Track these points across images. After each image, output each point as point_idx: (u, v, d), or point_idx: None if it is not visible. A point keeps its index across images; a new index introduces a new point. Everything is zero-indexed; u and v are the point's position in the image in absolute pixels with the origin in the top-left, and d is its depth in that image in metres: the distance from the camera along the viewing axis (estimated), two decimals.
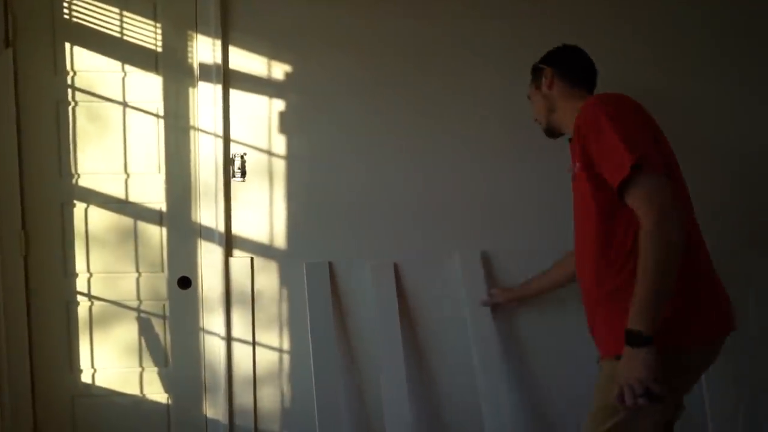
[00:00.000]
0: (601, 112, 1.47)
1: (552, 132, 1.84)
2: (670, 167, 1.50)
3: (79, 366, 2.31)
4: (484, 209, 2.36)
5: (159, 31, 2.23)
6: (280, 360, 2.34)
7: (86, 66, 2.22)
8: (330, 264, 2.31)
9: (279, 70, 2.26)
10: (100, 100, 2.24)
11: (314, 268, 2.30)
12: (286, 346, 2.34)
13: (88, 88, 2.23)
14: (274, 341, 2.33)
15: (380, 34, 2.29)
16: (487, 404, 2.25)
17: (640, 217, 1.38)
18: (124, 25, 2.23)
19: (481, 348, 2.29)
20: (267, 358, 2.34)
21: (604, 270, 1.56)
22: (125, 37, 2.23)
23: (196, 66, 2.24)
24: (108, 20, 2.22)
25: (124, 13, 2.22)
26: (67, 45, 2.21)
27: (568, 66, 1.78)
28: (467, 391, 2.30)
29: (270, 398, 2.35)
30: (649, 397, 1.34)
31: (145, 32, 2.23)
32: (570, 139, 1.71)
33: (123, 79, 2.24)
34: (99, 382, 2.33)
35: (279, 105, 2.27)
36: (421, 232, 2.34)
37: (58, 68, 2.22)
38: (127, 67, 2.24)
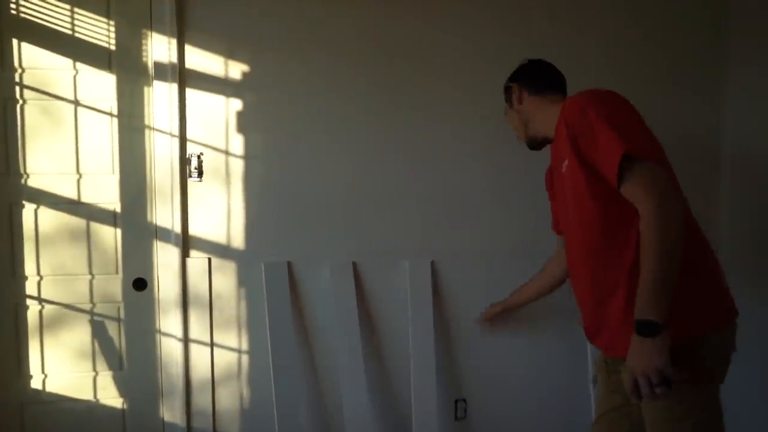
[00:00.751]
0: (589, 106, 1.45)
1: (534, 143, 1.81)
2: (662, 156, 1.48)
3: (29, 371, 2.24)
4: (441, 208, 2.41)
5: (112, 28, 2.20)
6: (239, 361, 2.33)
7: (36, 63, 2.17)
8: (288, 264, 2.32)
9: (236, 70, 2.26)
10: (50, 98, 2.19)
11: (273, 268, 2.30)
12: (244, 346, 2.33)
13: (37, 86, 2.18)
14: (233, 342, 2.32)
15: (336, 33, 2.31)
16: (416, 405, 2.33)
17: (638, 204, 1.36)
18: (76, 22, 2.18)
19: (415, 349, 2.36)
20: (225, 359, 2.32)
21: (604, 268, 1.52)
22: (77, 35, 2.19)
23: (151, 65, 2.21)
24: (58, 17, 2.17)
25: (76, 9, 2.17)
26: (15, 41, 2.15)
27: (533, 77, 1.79)
28: None
29: (229, 399, 2.33)
30: (666, 385, 1.31)
31: (98, 30, 2.19)
32: (549, 141, 1.73)
33: (74, 77, 2.19)
34: (50, 388, 2.26)
35: (236, 104, 2.27)
36: (380, 230, 2.37)
37: (5, 65, 2.15)
38: (79, 64, 2.19)
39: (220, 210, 2.28)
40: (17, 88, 2.16)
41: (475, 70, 2.39)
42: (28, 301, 2.22)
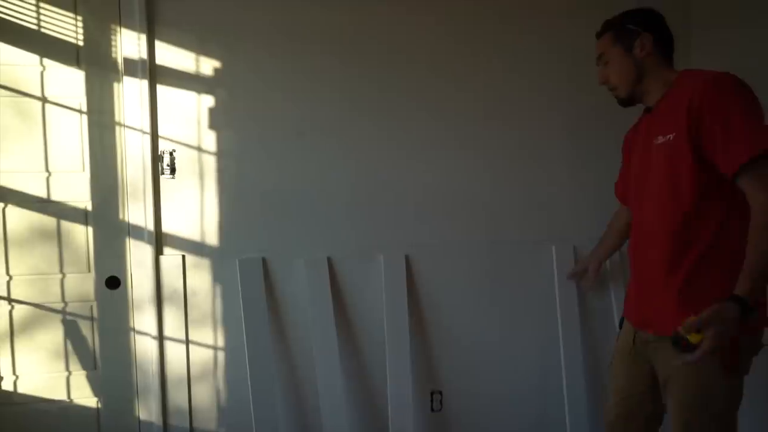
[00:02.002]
0: (731, 93, 1.46)
1: (630, 101, 1.72)
2: None
3: None
4: (414, 202, 2.43)
5: (80, 24, 2.16)
6: (215, 357, 2.33)
7: (1, 59, 2.12)
8: (263, 260, 2.32)
9: (207, 66, 2.24)
10: (16, 94, 2.15)
11: (247, 265, 2.30)
12: (220, 343, 2.32)
13: (3, 83, 2.13)
14: (208, 339, 2.32)
15: (308, 28, 2.31)
16: (392, 398, 2.37)
17: (757, 194, 1.42)
18: (42, 17, 2.14)
19: (391, 342, 2.39)
20: (201, 357, 2.32)
21: (681, 246, 1.56)
22: (43, 30, 2.15)
23: (120, 61, 2.18)
24: (24, 12, 2.13)
25: (41, 4, 2.13)
26: None
27: (665, 34, 1.67)
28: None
29: (205, 396, 2.33)
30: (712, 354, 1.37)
31: (65, 25, 2.16)
32: (648, 109, 1.70)
33: (42, 73, 2.16)
34: (22, 389, 2.23)
35: (208, 101, 2.25)
36: (355, 226, 2.39)
37: None
38: (46, 60, 2.16)
39: (193, 207, 2.27)
40: None
41: (451, 61, 2.41)
42: None
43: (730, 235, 1.52)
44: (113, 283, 2.24)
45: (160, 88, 2.21)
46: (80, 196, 2.21)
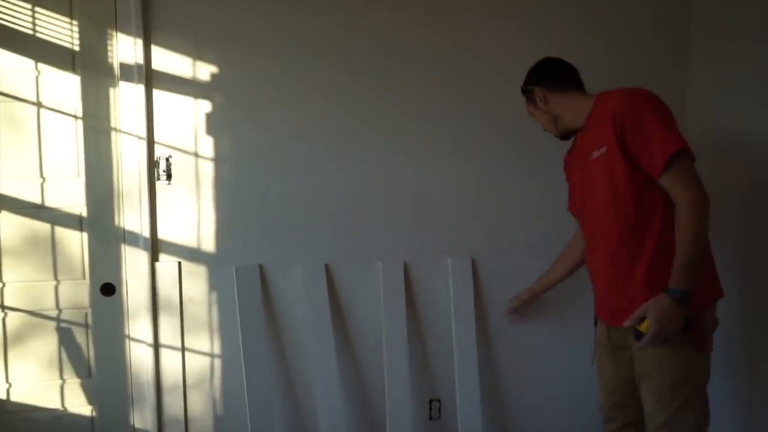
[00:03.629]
0: (641, 104, 1.66)
1: (566, 135, 1.96)
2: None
3: None
4: (412, 210, 2.41)
5: (75, 28, 2.14)
6: (211, 365, 2.30)
7: None
8: (260, 267, 2.30)
9: (204, 71, 2.23)
10: (10, 99, 2.12)
11: (244, 272, 2.27)
12: (216, 350, 2.30)
13: None
14: (205, 346, 2.29)
15: (305, 33, 2.29)
16: (391, 406, 2.35)
17: (677, 193, 1.61)
18: (37, 22, 2.12)
19: (389, 350, 2.37)
20: (197, 364, 2.29)
21: (631, 243, 1.73)
22: (38, 34, 2.13)
23: (116, 65, 2.16)
24: (18, 16, 2.11)
25: (37, 9, 2.11)
26: None
27: (553, 77, 1.92)
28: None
29: (201, 405, 2.30)
30: (664, 342, 1.63)
31: (61, 30, 2.14)
32: (580, 129, 1.89)
33: (36, 78, 2.14)
34: (15, 398, 2.20)
35: (205, 106, 2.24)
36: (353, 232, 2.37)
37: None
38: (41, 65, 2.14)
39: (189, 213, 2.25)
40: None
41: (451, 68, 2.40)
42: None
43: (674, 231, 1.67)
44: (108, 290, 2.22)
45: (156, 93, 2.19)
46: (75, 202, 2.19)
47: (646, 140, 1.64)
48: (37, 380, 2.21)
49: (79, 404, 2.25)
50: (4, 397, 2.20)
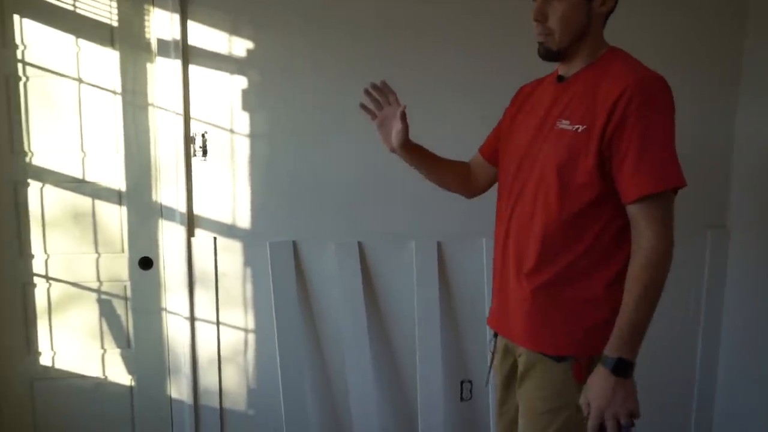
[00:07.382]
0: (660, 111, 1.28)
1: (558, 55, 1.40)
2: None
3: (38, 348, 2.27)
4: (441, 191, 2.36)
5: (114, 4, 2.16)
6: (245, 339, 2.34)
7: (37, 40, 2.14)
8: (294, 243, 2.30)
9: (240, 46, 2.21)
10: (53, 75, 2.16)
11: (278, 248, 2.28)
12: (250, 325, 2.33)
13: (40, 63, 2.15)
14: (239, 321, 2.32)
15: (342, 10, 2.25)
16: (422, 386, 2.34)
17: (641, 231, 1.28)
18: None
19: (421, 330, 2.36)
20: (231, 338, 2.33)
21: (550, 254, 1.38)
22: (78, 10, 2.15)
23: (153, 41, 2.17)
24: None
25: None
26: (17, 17, 2.12)
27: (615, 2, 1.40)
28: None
29: (235, 378, 2.35)
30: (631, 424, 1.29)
31: (100, 5, 2.15)
32: (560, 78, 1.44)
33: (77, 54, 2.16)
34: (59, 365, 2.29)
35: (241, 82, 2.23)
36: (387, 211, 2.35)
37: (7, 41, 2.13)
38: (81, 41, 2.16)
39: (225, 189, 2.26)
40: (20, 65, 2.14)
41: (484, 48, 2.33)
42: (36, 280, 2.24)
43: (604, 250, 1.36)
44: (146, 263, 2.26)
45: (193, 69, 2.19)
46: (114, 177, 2.23)
47: (638, 158, 1.27)
48: (80, 349, 2.29)
49: (119, 373, 2.32)
50: (49, 364, 2.28)
